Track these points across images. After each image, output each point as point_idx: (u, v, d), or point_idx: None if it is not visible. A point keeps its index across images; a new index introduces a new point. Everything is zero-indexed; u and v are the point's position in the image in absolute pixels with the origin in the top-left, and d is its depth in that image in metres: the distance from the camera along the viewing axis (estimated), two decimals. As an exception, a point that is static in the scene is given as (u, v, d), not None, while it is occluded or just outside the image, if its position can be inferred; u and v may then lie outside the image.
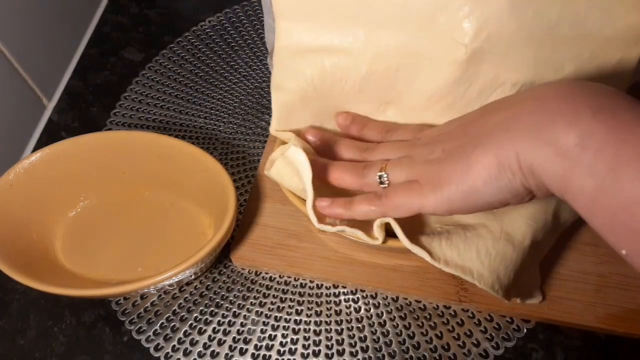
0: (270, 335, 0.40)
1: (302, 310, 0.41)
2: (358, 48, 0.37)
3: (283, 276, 0.42)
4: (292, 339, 0.40)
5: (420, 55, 0.36)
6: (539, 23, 0.35)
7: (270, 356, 0.39)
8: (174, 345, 0.40)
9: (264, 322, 0.40)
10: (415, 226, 0.37)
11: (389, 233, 0.35)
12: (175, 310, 0.41)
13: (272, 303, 0.41)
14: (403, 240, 0.34)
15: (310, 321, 0.40)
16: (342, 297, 0.41)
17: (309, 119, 0.40)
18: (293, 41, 0.38)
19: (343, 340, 0.39)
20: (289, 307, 0.41)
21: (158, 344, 0.40)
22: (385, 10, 0.36)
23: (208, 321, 0.41)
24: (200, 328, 0.40)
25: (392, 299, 0.41)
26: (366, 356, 0.39)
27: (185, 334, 0.40)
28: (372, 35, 0.37)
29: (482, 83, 0.36)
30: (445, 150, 0.31)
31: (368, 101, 0.39)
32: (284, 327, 0.40)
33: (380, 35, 0.37)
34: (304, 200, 0.37)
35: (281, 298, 0.41)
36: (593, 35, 0.35)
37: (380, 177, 0.34)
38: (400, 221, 0.34)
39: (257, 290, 0.42)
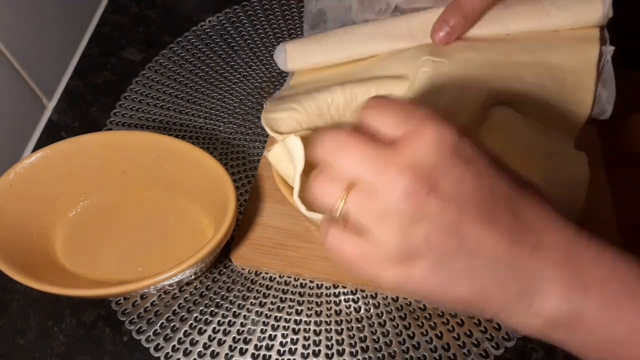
0: (270, 335, 0.40)
1: (302, 310, 0.41)
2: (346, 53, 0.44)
3: (283, 276, 0.42)
4: (292, 339, 0.40)
5: (395, 80, 0.41)
6: (493, 52, 0.41)
7: (270, 356, 0.39)
8: (174, 345, 0.40)
9: (264, 322, 0.40)
10: None
11: None
12: (175, 310, 0.41)
13: (272, 303, 0.41)
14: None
15: (310, 321, 0.40)
16: (342, 297, 0.41)
17: (295, 126, 0.41)
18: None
19: (343, 340, 0.39)
20: (289, 307, 0.41)
21: (158, 344, 0.40)
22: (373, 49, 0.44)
23: (208, 321, 0.41)
24: (200, 328, 0.40)
25: (392, 299, 0.41)
26: (366, 356, 0.39)
27: (185, 334, 0.40)
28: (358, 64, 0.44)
29: (447, 100, 0.40)
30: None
31: (350, 120, 0.42)
32: (284, 327, 0.40)
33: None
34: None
35: (281, 298, 0.41)
36: (544, 62, 0.41)
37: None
38: None
39: (257, 290, 0.42)
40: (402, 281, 0.24)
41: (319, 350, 0.39)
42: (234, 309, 0.41)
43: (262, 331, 0.40)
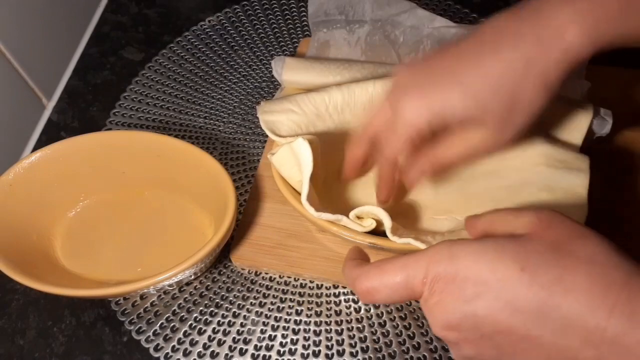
0: (270, 335, 0.40)
1: (302, 310, 0.41)
2: (341, 77, 0.44)
3: (283, 276, 0.42)
4: (292, 339, 0.40)
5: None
6: None
7: (270, 356, 0.39)
8: (173, 346, 0.40)
9: (263, 322, 0.40)
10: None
11: (382, 233, 0.35)
12: (175, 310, 0.41)
13: (272, 303, 0.41)
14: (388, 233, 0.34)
15: (310, 321, 0.40)
16: (342, 297, 0.41)
17: (295, 129, 0.41)
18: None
19: (343, 340, 0.39)
20: (289, 307, 0.41)
21: (158, 344, 0.40)
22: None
23: (208, 321, 0.41)
24: (200, 328, 0.40)
25: (392, 299, 0.41)
26: (366, 356, 0.39)
27: (185, 334, 0.40)
28: (353, 66, 0.45)
29: None
30: None
31: (350, 120, 0.42)
32: (284, 327, 0.40)
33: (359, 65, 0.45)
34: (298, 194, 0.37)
35: (281, 298, 0.41)
36: None
37: None
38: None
39: (257, 290, 0.42)
40: None
41: (319, 351, 0.39)
42: (234, 309, 0.41)
43: (262, 331, 0.40)
